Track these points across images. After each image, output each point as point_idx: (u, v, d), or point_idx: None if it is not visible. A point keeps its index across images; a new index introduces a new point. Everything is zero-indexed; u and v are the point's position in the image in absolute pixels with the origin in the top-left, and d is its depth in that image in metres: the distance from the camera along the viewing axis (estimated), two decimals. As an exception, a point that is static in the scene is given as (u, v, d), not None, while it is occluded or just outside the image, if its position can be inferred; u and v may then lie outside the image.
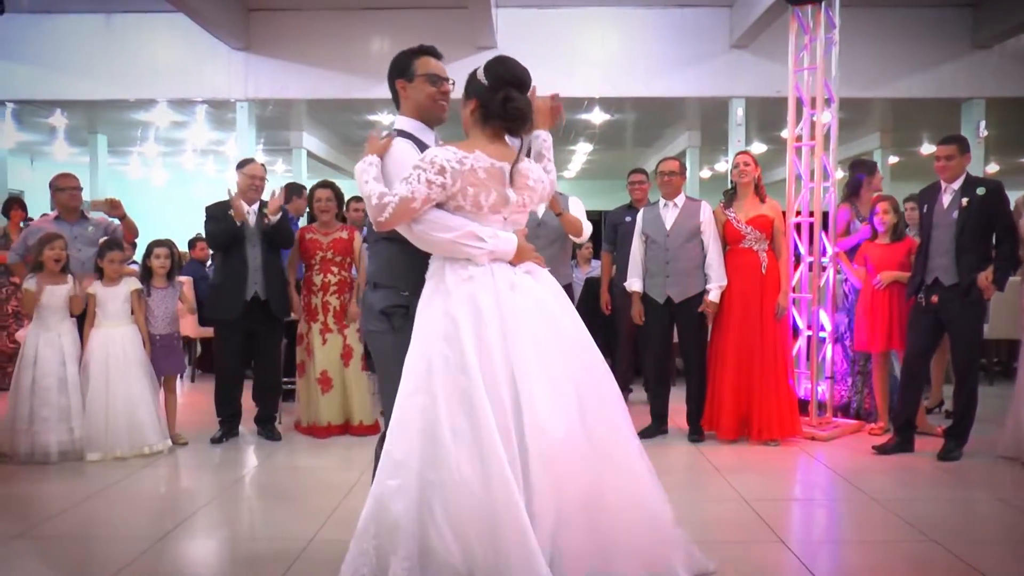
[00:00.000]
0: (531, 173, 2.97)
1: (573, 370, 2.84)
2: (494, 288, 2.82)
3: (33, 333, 5.45)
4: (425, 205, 2.82)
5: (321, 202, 6.11)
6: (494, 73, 2.96)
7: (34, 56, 11.12)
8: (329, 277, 6.01)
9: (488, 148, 2.90)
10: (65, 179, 6.19)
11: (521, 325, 2.79)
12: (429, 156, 2.84)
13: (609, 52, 11.02)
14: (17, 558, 3.72)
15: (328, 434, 5.89)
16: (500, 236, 2.88)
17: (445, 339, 2.79)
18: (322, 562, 3.54)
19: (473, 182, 2.84)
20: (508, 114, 2.91)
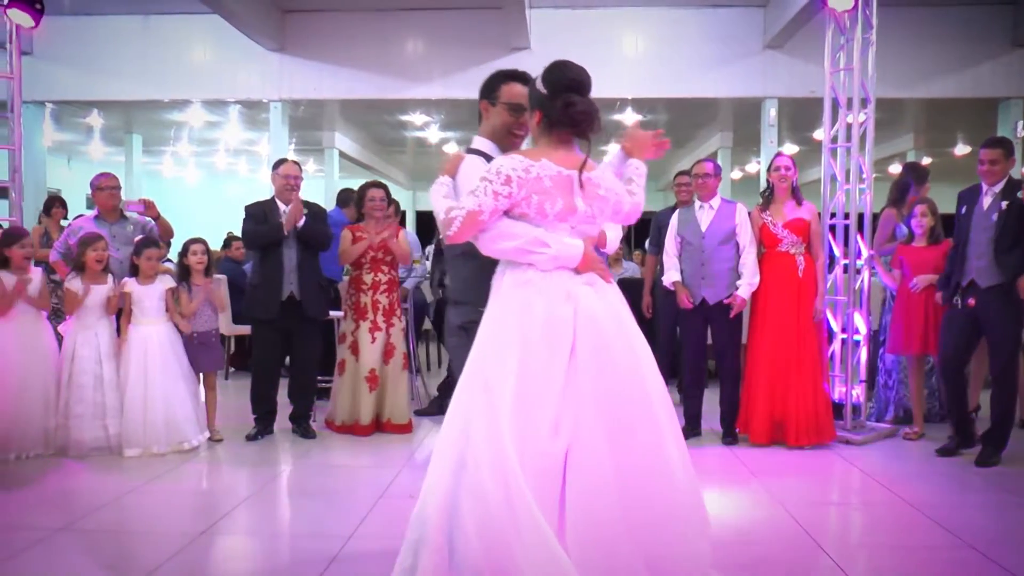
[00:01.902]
0: (603, 182, 2.91)
1: (617, 385, 2.77)
2: (548, 295, 2.81)
3: (72, 331, 5.53)
4: (493, 216, 2.83)
5: (374, 201, 6.16)
6: (551, 80, 2.93)
7: (72, 57, 11.27)
8: (379, 276, 6.06)
9: (555, 155, 2.87)
10: (105, 179, 6.28)
11: (565, 334, 2.77)
12: (495, 167, 2.84)
13: (642, 52, 11.00)
14: (62, 551, 3.79)
15: (369, 432, 5.93)
16: (566, 242, 2.84)
17: (492, 342, 2.81)
18: (361, 560, 3.59)
19: (538, 190, 2.82)
20: (571, 119, 2.88)
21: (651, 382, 2.81)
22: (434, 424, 6.32)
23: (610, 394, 2.73)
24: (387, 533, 3.93)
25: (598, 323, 2.79)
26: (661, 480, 2.76)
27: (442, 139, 16.75)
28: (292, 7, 10.95)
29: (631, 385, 2.77)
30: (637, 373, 2.79)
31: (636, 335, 2.86)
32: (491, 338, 2.82)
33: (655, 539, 2.73)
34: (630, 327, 2.87)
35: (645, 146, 3.14)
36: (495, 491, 2.60)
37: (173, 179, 21.81)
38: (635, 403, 2.76)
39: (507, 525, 2.58)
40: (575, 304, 2.79)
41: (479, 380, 2.77)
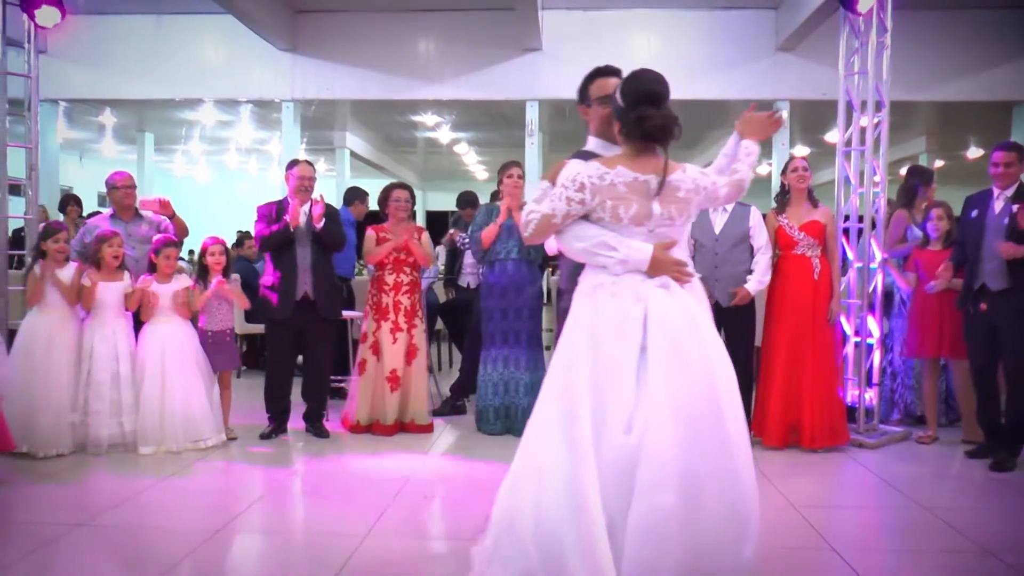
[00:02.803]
0: (683, 184, 2.99)
1: (686, 385, 2.80)
2: (619, 297, 2.92)
3: (89, 328, 5.56)
4: (567, 220, 2.98)
5: (399, 202, 6.16)
6: (627, 92, 3.02)
7: (86, 56, 11.33)
8: (401, 277, 6.07)
9: (632, 162, 2.96)
10: (121, 178, 6.30)
11: (634, 335, 2.85)
12: (572, 173, 2.96)
13: (653, 54, 11.00)
14: (81, 546, 3.81)
15: (392, 432, 5.93)
16: (633, 246, 2.93)
17: (567, 344, 2.97)
18: (378, 557, 3.61)
19: (613, 196, 2.93)
20: (645, 133, 2.96)
21: (722, 385, 2.84)
22: (447, 424, 6.33)
23: (680, 394, 2.79)
24: (403, 532, 3.96)
25: (669, 324, 2.86)
26: (723, 483, 2.80)
27: (453, 139, 16.79)
28: (304, 7, 10.99)
29: (700, 386, 2.81)
30: (707, 375, 2.83)
31: (710, 337, 2.92)
32: (566, 341, 2.98)
33: (707, 540, 2.77)
34: (704, 329, 2.92)
35: (758, 128, 3.28)
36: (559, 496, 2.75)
37: (184, 178, 21.88)
38: (704, 404, 2.80)
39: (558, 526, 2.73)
40: (645, 305, 2.88)
41: (558, 382, 2.94)
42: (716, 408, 2.81)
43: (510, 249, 5.95)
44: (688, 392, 2.79)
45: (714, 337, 2.94)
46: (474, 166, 20.92)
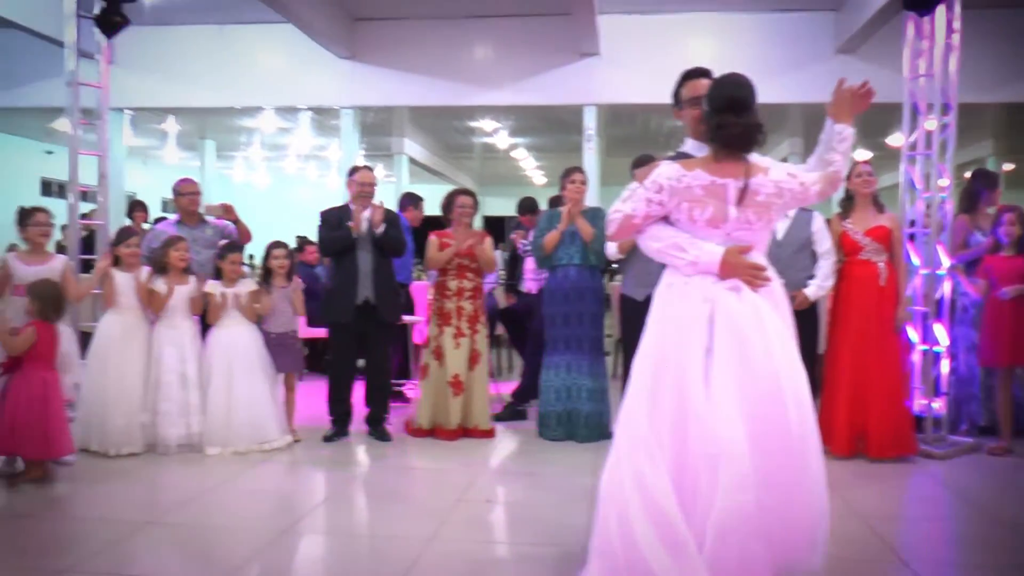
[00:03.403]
0: (763, 189, 2.98)
1: (751, 387, 2.82)
2: (687, 298, 2.97)
3: (157, 331, 5.67)
4: (647, 221, 3.08)
5: (464, 208, 6.18)
6: (710, 97, 3.08)
7: (151, 65, 11.58)
8: (464, 282, 6.08)
9: (713, 166, 3.00)
10: (186, 184, 6.44)
11: (698, 336, 2.89)
12: (653, 175, 3.04)
13: (711, 57, 10.79)
14: (150, 544, 3.90)
15: (455, 436, 5.94)
16: (704, 248, 2.97)
17: (643, 345, 3.04)
18: (442, 561, 3.62)
19: (689, 198, 2.98)
20: (723, 140, 3.00)
21: (788, 389, 2.83)
22: (509, 429, 6.34)
23: (743, 396, 2.80)
24: (466, 537, 3.97)
25: (734, 326, 2.88)
26: (790, 487, 2.80)
27: (511, 144, 16.85)
28: (363, 15, 11.11)
29: (765, 389, 2.82)
30: (773, 378, 2.83)
31: (779, 341, 2.90)
32: (644, 341, 3.05)
33: (777, 544, 2.77)
34: (773, 333, 2.90)
35: (849, 105, 3.15)
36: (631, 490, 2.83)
37: (243, 183, 22.24)
38: (768, 407, 2.81)
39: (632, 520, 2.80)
40: (712, 307, 2.92)
41: (637, 382, 3.00)
42: (781, 412, 2.81)
43: (572, 254, 5.93)
44: (751, 394, 2.80)
45: (784, 342, 2.92)
46: (532, 171, 20.96)
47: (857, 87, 3.16)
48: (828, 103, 3.18)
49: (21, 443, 4.67)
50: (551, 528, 4.08)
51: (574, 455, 5.55)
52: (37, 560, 3.65)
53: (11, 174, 15.64)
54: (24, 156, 16.22)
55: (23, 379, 4.72)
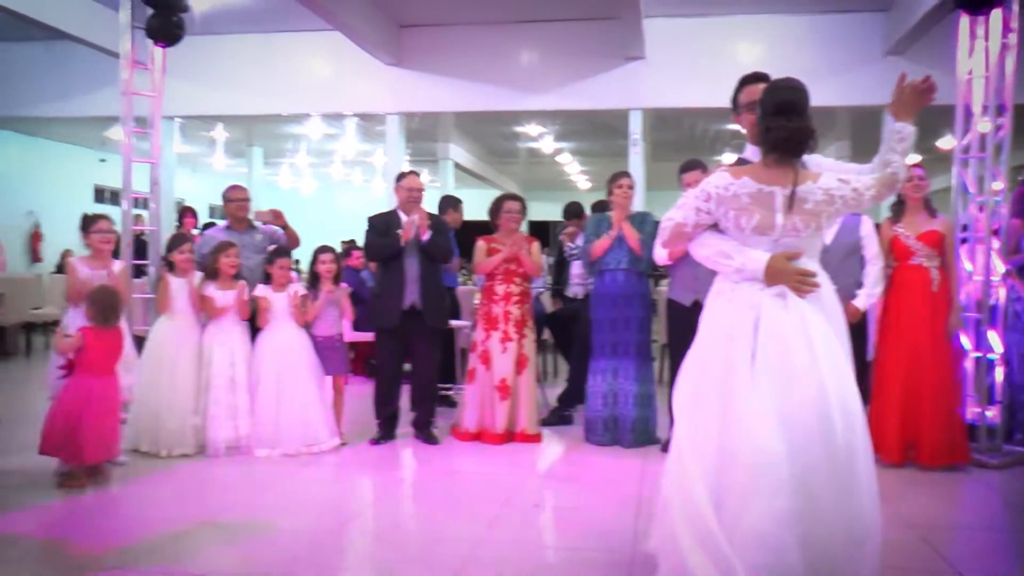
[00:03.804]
0: (811, 196, 2.96)
1: (794, 395, 2.81)
2: (735, 304, 3.00)
3: (208, 334, 5.77)
4: (697, 229, 3.12)
5: (511, 213, 6.21)
6: (762, 102, 3.09)
7: (200, 74, 11.76)
8: (511, 287, 6.10)
9: (761, 173, 3.01)
10: (236, 191, 6.53)
11: (743, 343, 2.92)
12: (703, 183, 3.10)
13: (758, 60, 10.82)
14: (204, 542, 3.98)
15: (501, 441, 5.96)
16: (750, 255, 2.99)
17: (693, 347, 3.10)
18: (491, 564, 3.63)
19: (736, 206, 3.00)
20: (771, 144, 3.01)
21: (834, 397, 2.80)
22: (555, 434, 6.34)
23: (785, 402, 2.80)
24: (514, 540, 3.98)
25: (777, 333, 2.89)
26: (837, 496, 2.77)
27: (556, 149, 16.85)
28: (409, 22, 11.19)
29: (808, 396, 2.80)
30: (817, 385, 2.81)
31: (827, 348, 2.87)
32: (693, 346, 3.11)
33: (823, 554, 2.75)
34: (819, 340, 2.88)
35: (909, 101, 3.07)
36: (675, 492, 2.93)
37: (289, 190, 22.49)
38: (812, 414, 2.78)
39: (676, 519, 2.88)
40: (757, 313, 2.94)
41: (681, 387, 3.08)
42: (827, 419, 2.78)
43: (620, 259, 5.92)
44: (794, 401, 2.79)
45: (830, 349, 2.88)
46: (576, 176, 20.96)
47: (919, 82, 3.07)
48: (888, 101, 3.12)
49: (65, 446, 4.76)
50: (599, 533, 4.07)
51: (620, 460, 5.54)
52: (88, 558, 3.73)
53: (66, 181, 15.98)
54: (78, 164, 16.57)
55: (74, 384, 4.83)
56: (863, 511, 2.80)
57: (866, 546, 2.81)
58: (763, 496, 2.72)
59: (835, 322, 2.99)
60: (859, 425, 2.85)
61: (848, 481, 2.79)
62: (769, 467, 2.74)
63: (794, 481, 2.72)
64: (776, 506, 2.71)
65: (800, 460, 2.74)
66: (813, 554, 2.73)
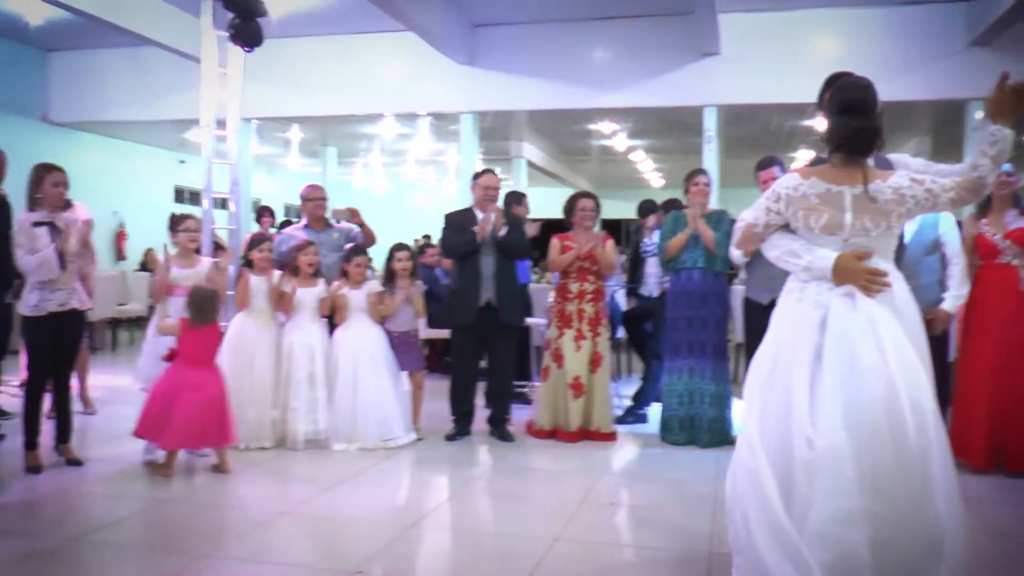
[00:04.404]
0: (881, 196, 2.95)
1: (862, 393, 2.78)
2: (804, 302, 3.02)
3: (288, 331, 5.89)
4: (767, 229, 3.18)
5: (585, 211, 6.21)
6: (830, 101, 3.12)
7: (276, 77, 11.98)
8: (585, 285, 6.10)
9: (829, 172, 3.03)
10: (313, 190, 6.65)
11: (809, 341, 2.93)
12: (774, 184, 3.15)
13: (835, 55, 10.60)
14: (284, 533, 4.07)
15: (575, 439, 5.96)
16: (817, 254, 3.00)
17: (762, 345, 3.13)
18: (567, 562, 3.64)
19: (804, 206, 3.03)
20: (835, 143, 3.05)
21: (905, 396, 2.76)
22: (630, 433, 6.32)
23: (852, 401, 2.78)
24: (590, 538, 3.99)
25: (844, 332, 2.87)
26: (909, 495, 2.73)
27: (629, 147, 16.75)
28: (482, 21, 11.23)
29: (876, 395, 2.77)
30: (886, 385, 2.77)
31: (897, 348, 2.84)
32: (762, 344, 3.14)
33: (895, 554, 2.71)
34: (890, 340, 2.85)
35: (1007, 104, 2.95)
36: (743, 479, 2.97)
37: (363, 189, 22.77)
38: (880, 414, 2.75)
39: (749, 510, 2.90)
40: (824, 312, 2.94)
41: (750, 384, 3.11)
42: (897, 419, 2.75)
43: (696, 258, 5.87)
44: (860, 400, 2.77)
45: (901, 349, 2.85)
46: (649, 173, 20.81)
47: (1021, 82, 2.92)
48: (972, 94, 3.05)
49: (157, 431, 4.95)
50: (675, 532, 4.06)
51: (696, 460, 5.50)
52: (179, 545, 3.86)
53: (148, 182, 16.42)
54: (159, 165, 17.00)
55: (171, 371, 5.03)
56: (939, 514, 2.75)
57: (944, 550, 2.75)
58: (828, 496, 2.72)
59: (908, 322, 2.96)
60: (933, 426, 2.80)
61: (922, 482, 2.75)
62: (832, 466, 2.73)
63: (862, 481, 2.70)
64: (841, 507, 2.70)
65: (867, 459, 2.72)
66: (886, 556, 2.70)
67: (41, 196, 5.03)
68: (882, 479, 2.72)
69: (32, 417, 5.06)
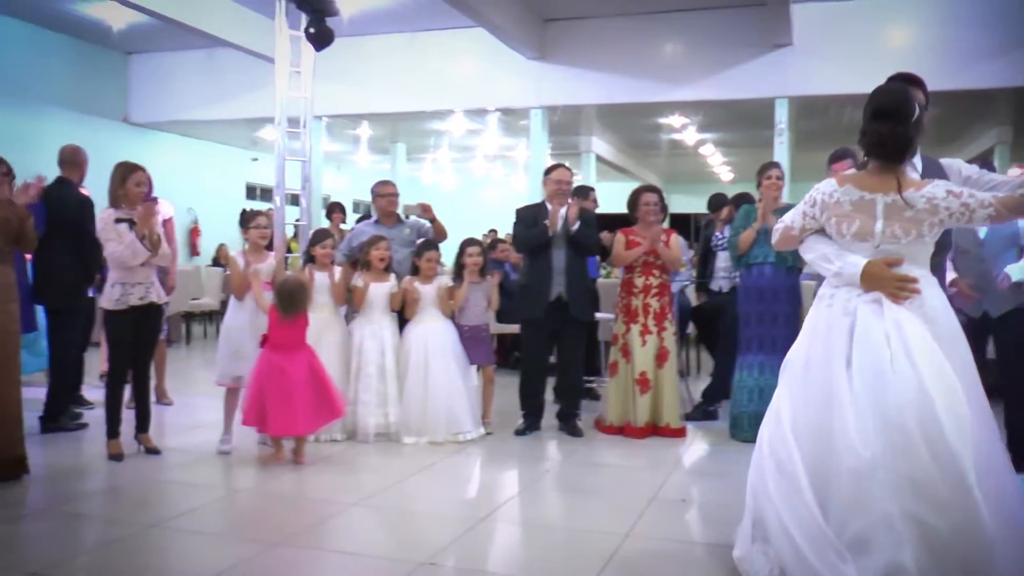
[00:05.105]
0: (916, 203, 3.00)
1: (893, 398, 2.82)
2: (834, 308, 3.09)
3: (359, 325, 5.96)
4: (804, 233, 3.27)
5: (649, 206, 6.16)
6: (866, 107, 3.15)
7: (347, 75, 12.14)
8: (651, 280, 6.06)
9: (864, 180, 3.11)
10: (385, 186, 6.71)
11: (839, 346, 3.00)
12: (813, 189, 3.24)
13: (911, 43, 10.36)
14: (355, 524, 4.14)
15: (643, 434, 5.92)
16: (848, 260, 3.09)
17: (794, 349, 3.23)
18: (639, 557, 3.62)
19: (838, 213, 3.12)
20: (867, 148, 3.12)
21: (940, 399, 2.80)
22: (699, 429, 6.25)
23: (882, 405, 2.84)
24: (661, 535, 3.95)
25: (870, 340, 2.94)
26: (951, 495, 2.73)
27: (699, 140, 16.59)
28: (552, 15, 11.22)
29: (907, 399, 2.81)
30: (916, 388, 2.82)
31: (927, 353, 2.89)
32: (793, 347, 3.24)
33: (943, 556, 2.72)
34: (919, 346, 2.89)
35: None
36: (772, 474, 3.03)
37: (431, 185, 22.94)
38: (912, 416, 2.79)
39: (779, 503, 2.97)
40: (852, 319, 3.01)
41: (782, 386, 3.19)
42: (931, 424, 2.77)
43: (767, 253, 5.75)
44: (890, 405, 2.81)
45: (931, 353, 2.88)
46: (719, 167, 20.58)
47: None
48: None
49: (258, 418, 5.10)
50: (748, 530, 3.99)
51: (769, 457, 5.40)
52: (253, 533, 3.95)
53: (221, 180, 16.78)
54: (231, 163, 17.36)
55: (261, 358, 5.17)
56: (984, 524, 2.71)
57: (994, 555, 2.71)
58: (866, 502, 2.78)
59: (940, 327, 2.99)
60: (970, 431, 2.80)
61: (964, 485, 2.73)
62: (866, 472, 2.79)
63: (900, 487, 2.74)
64: (881, 511, 2.75)
65: (903, 465, 2.76)
66: (931, 559, 2.71)
67: (123, 194, 5.18)
68: (922, 485, 2.74)
69: (113, 407, 5.22)
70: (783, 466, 3.00)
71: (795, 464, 2.95)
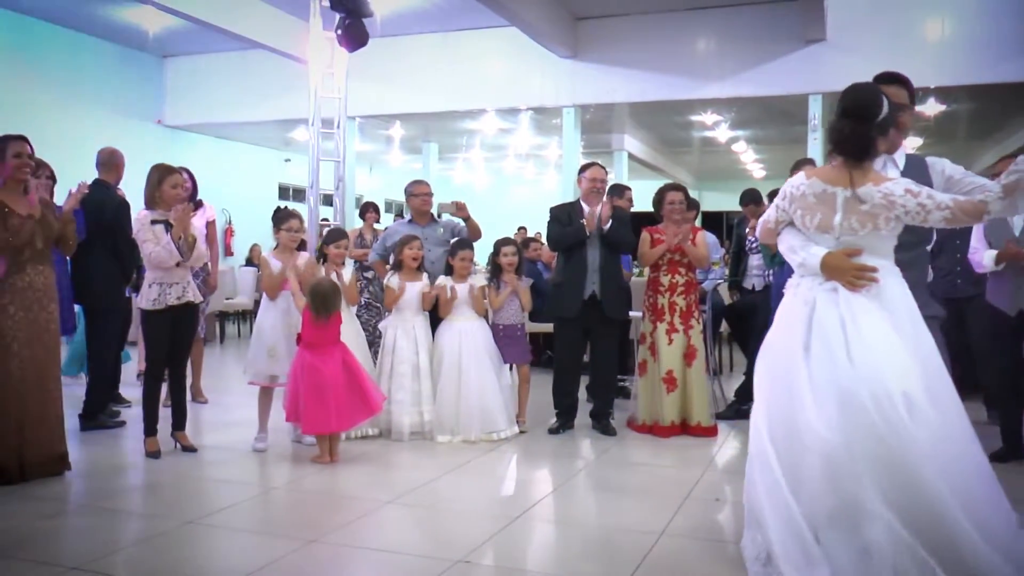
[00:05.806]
0: (871, 198, 3.12)
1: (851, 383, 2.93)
2: (799, 297, 3.24)
3: (392, 324, 5.98)
4: (779, 226, 3.42)
5: (674, 204, 6.13)
6: (838, 104, 3.28)
7: (379, 75, 12.20)
8: (676, 278, 6.04)
9: (829, 174, 3.24)
10: (418, 186, 6.73)
11: (799, 333, 3.15)
12: (786, 183, 3.38)
13: (947, 37, 10.22)
14: (389, 522, 4.16)
15: (670, 433, 5.91)
16: (810, 251, 3.23)
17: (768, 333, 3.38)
18: (674, 556, 3.61)
19: (803, 205, 3.27)
20: (833, 144, 3.24)
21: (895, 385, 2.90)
22: (732, 428, 6.22)
23: (842, 393, 2.95)
24: (696, 534, 3.93)
25: (825, 327, 3.09)
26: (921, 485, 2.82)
27: (731, 138, 16.48)
28: (584, 14, 11.21)
29: (862, 386, 2.91)
30: (871, 372, 2.92)
31: (883, 340, 2.99)
32: (768, 335, 3.38)
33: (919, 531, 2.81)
34: (873, 332, 3.01)
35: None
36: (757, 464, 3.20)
37: (463, 184, 22.99)
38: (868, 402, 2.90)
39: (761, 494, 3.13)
40: (811, 307, 3.17)
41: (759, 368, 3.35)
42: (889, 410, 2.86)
43: (800, 250, 5.71)
44: (844, 390, 2.94)
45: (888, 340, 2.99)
46: (751, 164, 20.45)
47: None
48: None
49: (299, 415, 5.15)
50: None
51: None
52: (288, 530, 3.97)
53: (254, 181, 16.93)
54: (264, 164, 17.52)
55: (296, 357, 5.21)
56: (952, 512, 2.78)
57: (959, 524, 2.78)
58: (834, 483, 2.89)
59: (901, 315, 3.10)
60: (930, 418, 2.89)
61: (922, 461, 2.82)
62: (831, 455, 2.90)
63: (864, 465, 2.86)
64: (849, 491, 2.87)
65: (865, 445, 2.87)
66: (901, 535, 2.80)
67: (159, 196, 5.23)
68: (884, 464, 2.85)
69: (151, 405, 5.28)
70: (760, 453, 3.16)
71: (767, 450, 3.11)
